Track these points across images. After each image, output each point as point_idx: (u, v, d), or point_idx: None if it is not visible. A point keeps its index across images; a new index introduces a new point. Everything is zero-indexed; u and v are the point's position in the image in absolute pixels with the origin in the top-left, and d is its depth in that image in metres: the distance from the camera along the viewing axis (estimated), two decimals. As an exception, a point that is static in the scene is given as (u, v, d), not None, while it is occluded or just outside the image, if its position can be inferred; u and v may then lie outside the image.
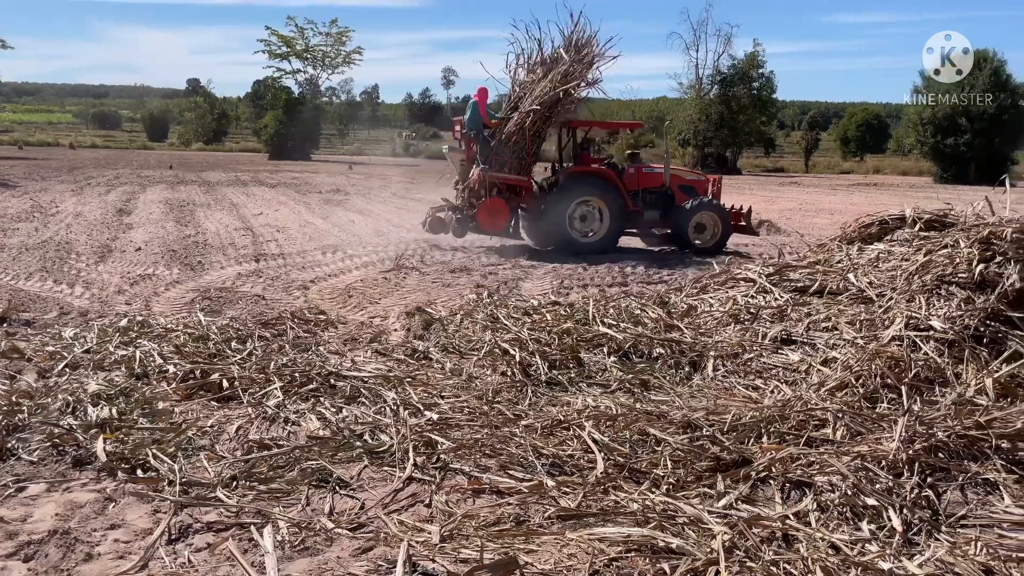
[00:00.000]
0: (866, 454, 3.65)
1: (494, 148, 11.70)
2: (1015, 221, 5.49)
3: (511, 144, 11.67)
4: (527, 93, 11.93)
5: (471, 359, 5.45)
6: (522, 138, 11.63)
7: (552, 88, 11.53)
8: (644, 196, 12.30)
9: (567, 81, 11.64)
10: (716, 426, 4.08)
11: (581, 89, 11.88)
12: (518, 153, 11.74)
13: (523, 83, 12.32)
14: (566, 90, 11.58)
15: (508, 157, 11.71)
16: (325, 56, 55.77)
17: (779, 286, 6.43)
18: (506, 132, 11.76)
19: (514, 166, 11.78)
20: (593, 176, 12.18)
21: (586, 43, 12.11)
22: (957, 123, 44.26)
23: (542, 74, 12.00)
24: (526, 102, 11.73)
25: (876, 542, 3.01)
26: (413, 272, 9.87)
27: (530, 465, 3.76)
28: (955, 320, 4.94)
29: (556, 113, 11.75)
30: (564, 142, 12.79)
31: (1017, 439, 3.77)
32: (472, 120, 11.99)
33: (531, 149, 11.84)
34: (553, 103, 11.56)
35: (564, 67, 11.76)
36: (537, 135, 11.87)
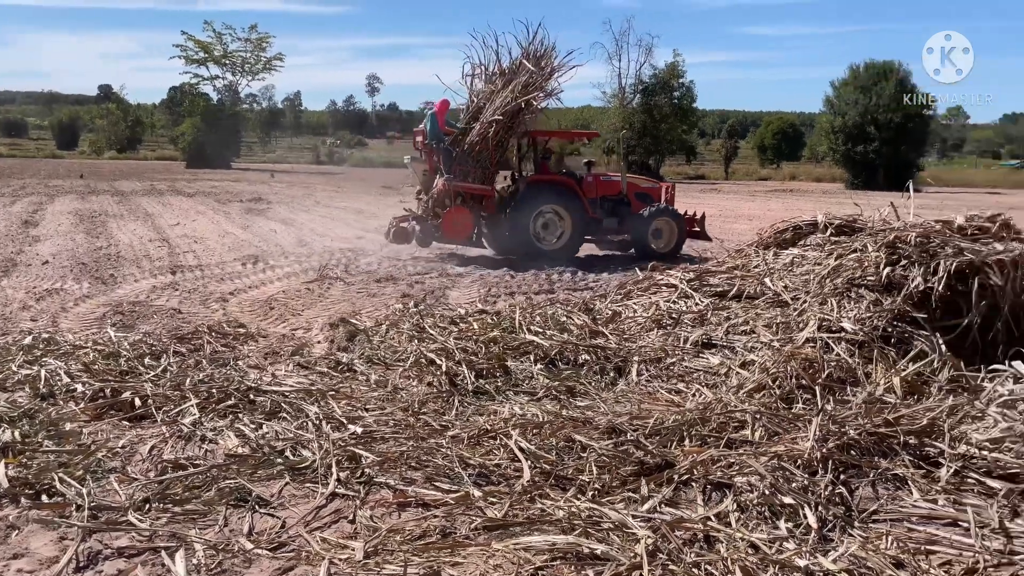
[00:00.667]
0: (783, 454, 3.75)
1: (457, 158, 11.77)
2: (918, 226, 5.75)
3: (474, 154, 11.80)
4: (487, 103, 12.08)
5: (396, 370, 5.38)
6: (485, 148, 11.76)
7: (513, 98, 11.71)
8: (602, 204, 12.54)
9: (528, 92, 11.83)
10: (640, 430, 4.13)
11: (541, 99, 12.10)
12: (481, 163, 11.86)
13: (481, 93, 12.47)
14: (527, 100, 11.76)
15: (471, 167, 11.81)
16: (244, 62, 54.53)
17: (699, 291, 6.57)
18: (468, 142, 11.85)
19: (477, 175, 11.86)
20: (554, 185, 12.37)
21: (545, 54, 12.36)
22: (866, 131, 46.31)
23: (501, 84, 12.17)
24: (487, 112, 11.87)
25: (793, 540, 3.09)
26: (337, 282, 9.72)
27: (456, 476, 3.73)
28: (864, 321, 5.14)
29: (517, 123, 11.92)
30: (524, 151, 12.86)
31: (923, 435, 3.93)
32: (434, 130, 12.01)
33: (494, 158, 11.96)
34: (515, 113, 11.73)
35: (525, 77, 11.96)
36: (500, 145, 11.98)
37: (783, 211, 13.98)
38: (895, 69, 48.04)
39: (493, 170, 12.10)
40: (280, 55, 56.18)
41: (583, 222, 12.16)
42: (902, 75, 47.61)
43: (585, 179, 12.69)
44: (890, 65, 48.39)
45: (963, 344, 5.16)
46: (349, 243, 13.88)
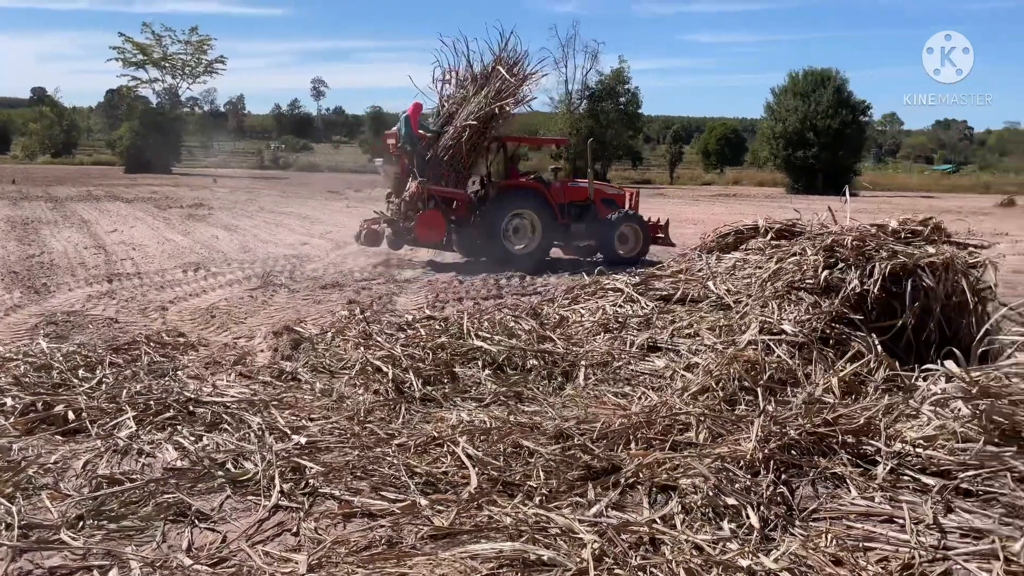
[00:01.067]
0: (726, 455, 3.80)
1: (430, 161, 11.87)
2: (855, 230, 5.91)
3: (447, 158, 11.94)
4: (460, 108, 12.24)
5: (342, 378, 5.31)
6: (458, 152, 11.91)
7: (487, 104, 11.89)
8: (570, 209, 12.73)
9: (501, 98, 12.03)
10: (587, 435, 4.15)
11: (514, 106, 12.33)
12: (454, 166, 12.02)
13: (452, 97, 12.65)
14: (500, 106, 11.97)
15: (444, 170, 11.95)
16: (185, 65, 53.42)
17: (645, 295, 6.64)
18: (442, 145, 12.00)
19: (450, 179, 12.03)
20: (525, 190, 12.54)
21: (517, 62, 12.64)
22: (805, 137, 47.55)
23: (474, 90, 12.34)
24: (460, 116, 12.03)
25: (736, 540, 3.14)
26: (282, 289, 9.56)
27: (403, 485, 3.69)
28: (804, 324, 5.26)
29: (490, 128, 12.10)
30: (493, 156, 12.93)
31: (860, 434, 4.03)
32: (408, 133, 12.01)
33: (467, 162, 12.13)
34: (488, 118, 11.92)
35: (498, 83, 12.17)
36: (473, 149, 12.12)
37: (727, 215, 14.27)
38: (833, 77, 49.49)
39: (466, 174, 12.25)
40: (222, 58, 55.27)
41: (552, 227, 12.39)
42: (839, 83, 49.08)
43: (553, 185, 12.90)
44: (828, 73, 49.84)
45: (898, 344, 5.32)
46: (294, 249, 13.69)
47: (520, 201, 12.30)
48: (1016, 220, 25.30)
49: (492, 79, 12.32)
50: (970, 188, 51.02)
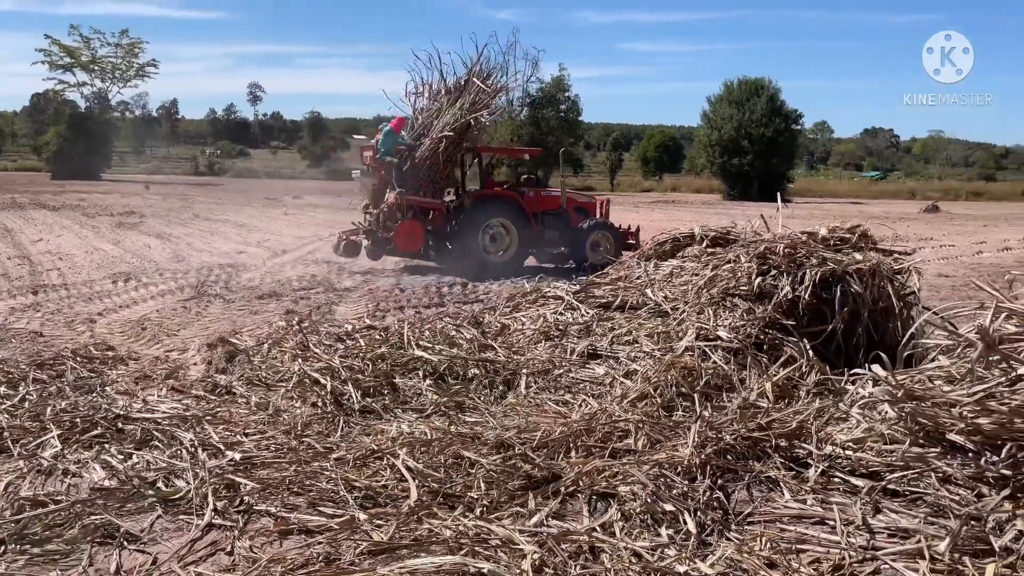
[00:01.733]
0: (664, 461, 3.85)
1: (407, 172, 12.13)
2: (786, 237, 6.07)
3: (425, 168, 12.22)
4: (435, 119, 12.53)
5: (279, 391, 5.21)
6: (436, 162, 12.21)
7: (462, 115, 12.22)
8: (543, 218, 13.02)
9: (476, 109, 12.35)
10: (528, 444, 4.15)
11: (488, 116, 12.68)
12: (431, 177, 12.32)
13: (426, 110, 12.93)
14: (476, 117, 12.28)
15: (422, 181, 12.24)
16: (115, 68, 51.91)
17: (585, 302, 6.69)
18: (419, 156, 12.24)
19: (428, 189, 12.31)
20: (500, 199, 12.90)
21: (490, 74, 12.98)
22: (740, 145, 48.73)
23: (447, 102, 12.64)
24: (436, 128, 12.31)
25: (674, 546, 3.18)
26: (217, 300, 9.34)
27: (341, 500, 3.63)
28: (739, 329, 5.37)
29: (466, 139, 12.44)
30: (468, 166, 13.23)
31: (793, 437, 4.13)
32: (388, 145, 12.26)
33: (444, 173, 12.46)
34: (464, 129, 12.24)
35: (473, 95, 12.47)
36: (450, 160, 12.45)
37: (665, 221, 14.54)
38: (766, 86, 50.86)
39: (443, 184, 12.58)
40: (154, 61, 53.99)
41: (527, 235, 12.75)
42: (772, 92, 50.45)
43: (527, 194, 13.18)
44: (761, 82, 51.22)
45: (828, 348, 5.47)
46: (230, 258, 13.39)
47: (496, 210, 12.63)
48: (940, 225, 26.37)
49: (466, 91, 12.61)
50: (896, 194, 53.07)
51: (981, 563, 2.94)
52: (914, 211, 34.50)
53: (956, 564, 2.96)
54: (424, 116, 12.85)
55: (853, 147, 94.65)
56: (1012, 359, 3.72)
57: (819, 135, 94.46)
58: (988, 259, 16.22)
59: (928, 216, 31.99)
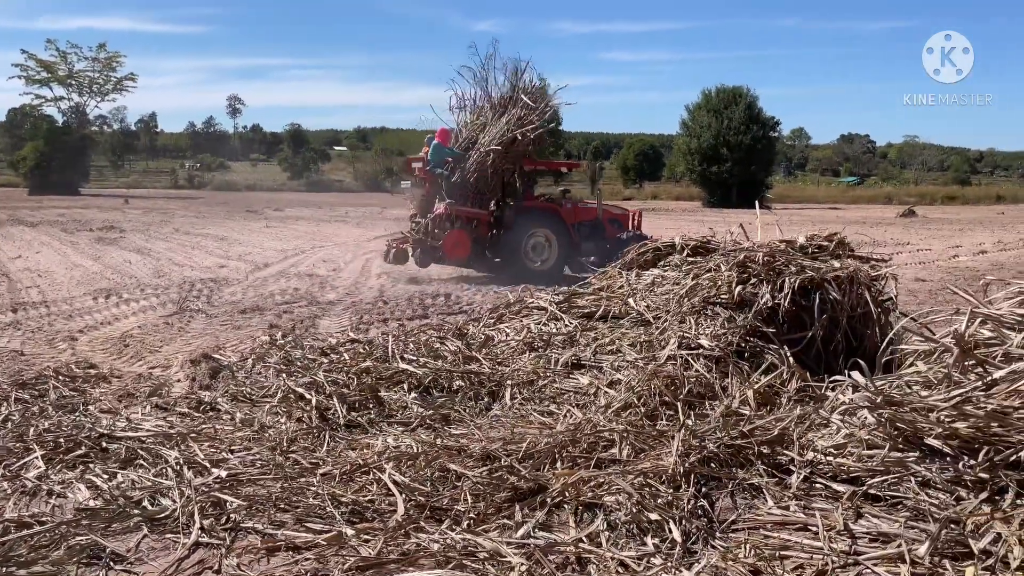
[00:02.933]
0: (649, 470, 3.89)
1: (455, 183, 12.73)
2: (765, 246, 6.14)
3: (473, 180, 12.86)
4: (481, 133, 13.21)
5: (264, 407, 5.19)
6: (484, 174, 12.85)
7: (508, 130, 12.80)
8: (580, 228, 13.41)
9: (522, 124, 12.88)
10: (513, 455, 4.18)
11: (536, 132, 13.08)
12: (479, 188, 12.99)
13: (469, 124, 13.63)
14: (523, 132, 12.79)
15: (471, 192, 12.89)
16: (92, 82, 51.60)
17: (568, 313, 6.73)
18: (467, 168, 12.86)
19: (475, 200, 12.97)
20: (542, 211, 13.52)
21: (538, 90, 13.58)
22: (719, 153, 49.14)
23: (493, 116, 13.32)
24: (483, 141, 12.94)
25: (660, 555, 3.21)
26: (199, 315, 9.29)
27: (328, 515, 3.64)
28: (720, 338, 5.43)
29: (512, 152, 12.97)
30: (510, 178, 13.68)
31: (775, 444, 4.18)
32: (438, 157, 12.91)
33: (492, 184, 13.12)
34: (511, 143, 12.80)
35: (520, 111, 13.02)
36: (496, 172, 13.03)
37: (646, 229, 14.75)
38: (744, 94, 51.37)
39: (490, 195, 13.23)
40: (132, 75, 53.75)
41: (567, 245, 13.21)
42: (750, 100, 50.95)
43: (564, 205, 13.74)
44: (739, 90, 51.74)
45: (808, 355, 5.54)
46: (211, 272, 13.34)
47: (538, 221, 13.25)
48: (917, 230, 26.73)
49: (512, 106, 13.20)
50: (873, 199, 53.70)
51: (961, 566, 3.00)
52: (891, 216, 34.93)
53: (936, 567, 3.01)
54: (468, 129, 13.47)
55: (830, 153, 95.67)
56: (987, 364, 3.80)
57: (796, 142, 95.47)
58: (964, 263, 16.47)
59: (905, 220, 32.41)
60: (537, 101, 13.32)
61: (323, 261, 15.38)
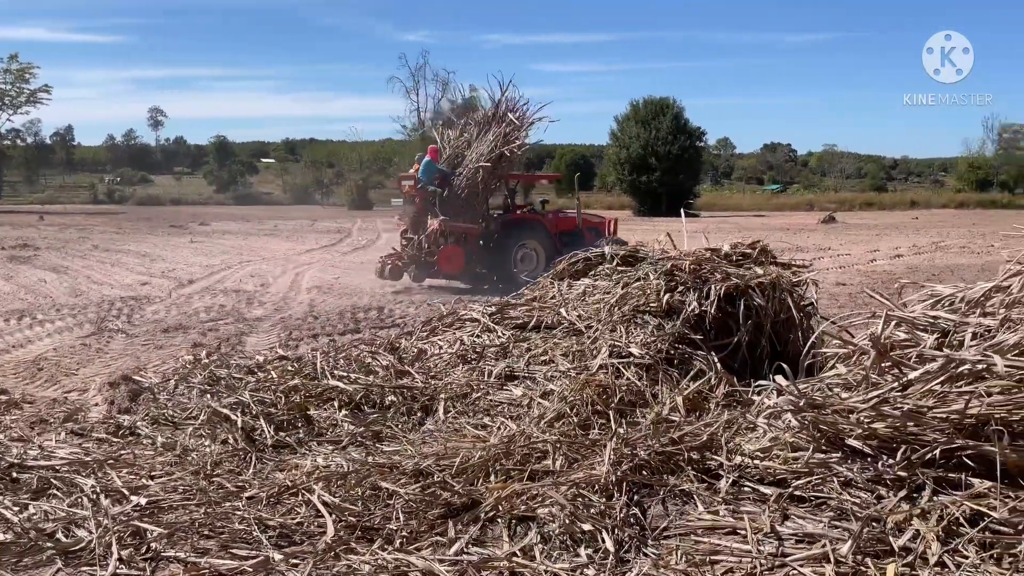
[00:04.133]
0: (581, 480, 3.90)
1: (448, 199, 13.25)
2: (691, 254, 6.26)
3: (465, 196, 13.37)
4: (466, 149, 13.82)
5: (187, 430, 5.02)
6: (474, 190, 13.42)
7: (496, 147, 13.36)
8: (562, 237, 13.91)
9: (508, 141, 13.51)
10: (447, 470, 4.14)
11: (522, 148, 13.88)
12: (469, 203, 13.47)
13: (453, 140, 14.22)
14: (511, 148, 13.47)
15: (462, 207, 13.37)
16: (4, 95, 49.47)
17: (501, 324, 6.72)
18: (457, 185, 13.40)
19: (466, 215, 13.45)
20: (528, 222, 14.22)
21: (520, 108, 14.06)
22: (648, 162, 50.04)
23: (477, 133, 13.93)
24: (472, 158, 13.53)
25: (593, 566, 3.22)
26: (119, 335, 8.95)
27: (255, 540, 3.53)
28: (650, 346, 5.50)
29: (500, 168, 13.60)
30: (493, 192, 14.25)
31: (704, 449, 4.25)
32: (430, 174, 13.37)
33: (482, 199, 13.70)
34: (498, 159, 13.40)
35: (505, 128, 13.61)
36: (486, 187, 13.67)
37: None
38: (671, 105, 52.47)
39: (479, 210, 13.71)
40: (47, 87, 51.77)
41: (551, 254, 13.26)
42: (676, 110, 52.08)
43: (547, 216, 14.52)
44: (666, 101, 52.82)
45: (735, 360, 5.66)
46: (132, 290, 12.88)
47: (525, 233, 13.89)
48: (837, 235, 27.69)
49: (496, 123, 13.77)
50: (796, 206, 55.41)
51: (882, 563, 3.09)
52: (813, 222, 36.11)
53: (859, 566, 3.10)
54: (451, 146, 14.06)
55: (754, 162, 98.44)
56: (903, 365, 3.94)
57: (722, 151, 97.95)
58: (882, 266, 17.14)
59: (826, 226, 33.55)
60: (522, 118, 13.87)
61: (251, 276, 15.03)
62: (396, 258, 13.83)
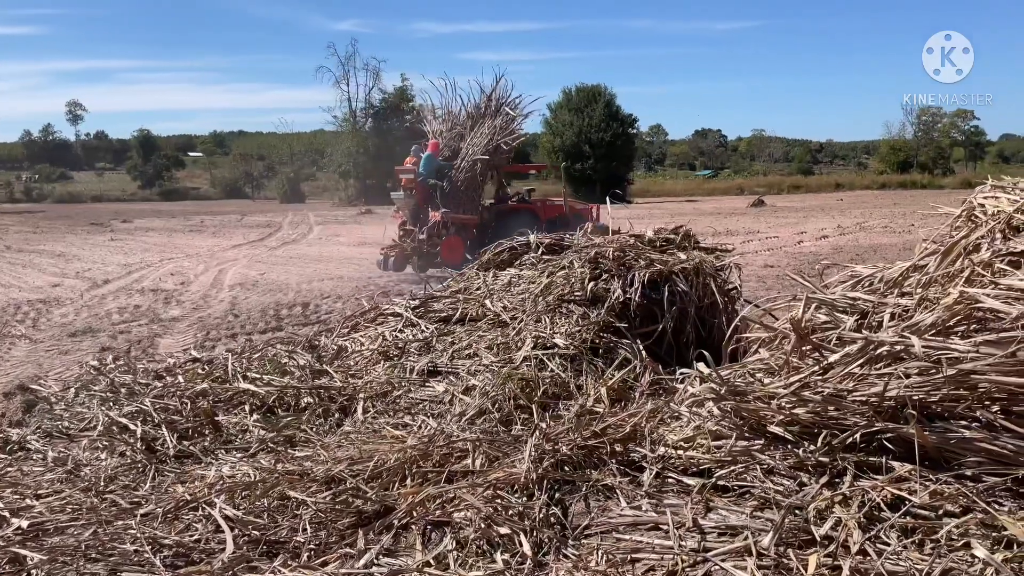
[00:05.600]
0: (501, 480, 3.73)
1: (448, 192, 13.65)
2: (615, 241, 6.15)
3: (464, 188, 13.80)
4: (459, 142, 14.29)
5: (82, 442, 4.68)
6: (473, 182, 13.91)
7: (492, 139, 13.85)
8: (551, 224, 13.78)
9: (504, 134, 14.01)
10: (360, 476, 3.92)
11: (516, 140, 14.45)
12: (469, 195, 13.93)
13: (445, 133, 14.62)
14: (506, 141, 13.98)
15: (462, 198, 13.79)
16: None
17: (425, 318, 6.51)
18: (457, 177, 13.80)
19: (466, 206, 13.85)
20: (523, 211, 14.37)
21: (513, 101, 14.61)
22: (582, 150, 50.26)
23: (471, 126, 14.37)
24: (468, 150, 13.97)
25: (509, 571, 3.06)
26: (21, 341, 8.43)
27: (147, 562, 3.26)
28: (574, 336, 5.36)
29: (496, 159, 14.07)
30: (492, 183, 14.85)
31: (628, 441, 4.12)
32: (431, 168, 13.77)
33: (480, 191, 14.26)
34: (494, 151, 13.88)
35: (501, 120, 14.15)
36: (484, 179, 14.23)
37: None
38: (602, 92, 52.77)
39: (478, 201, 14.21)
40: (-48, 80, 48.88)
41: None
42: (608, 98, 52.42)
43: (536, 204, 14.87)
44: (598, 89, 53.09)
45: (661, 348, 5.58)
46: (42, 292, 12.20)
47: (519, 221, 13.59)
48: (766, 218, 28.22)
49: (494, 116, 14.26)
50: (727, 190, 56.44)
51: (804, 554, 2.99)
52: (743, 206, 36.77)
53: (781, 557, 3.00)
54: (443, 139, 14.46)
55: (686, 148, 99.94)
56: (823, 348, 3.88)
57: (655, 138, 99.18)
58: (808, 248, 17.47)
59: (755, 210, 34.18)
60: (515, 111, 14.40)
61: (171, 274, 14.42)
62: (399, 250, 14.01)
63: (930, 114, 69.02)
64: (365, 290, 11.62)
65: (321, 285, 12.70)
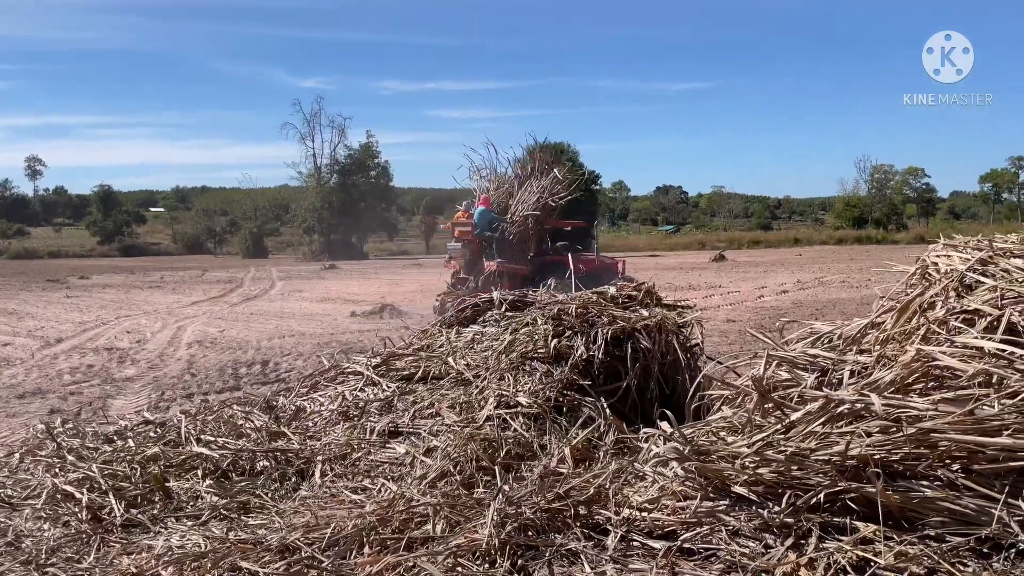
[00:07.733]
0: (462, 546, 3.62)
1: (502, 244, 14.89)
2: (578, 298, 6.16)
3: (516, 240, 15.09)
4: (508, 199, 15.68)
5: (24, 511, 4.46)
6: (525, 235, 15.24)
7: (542, 198, 15.25)
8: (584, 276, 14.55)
9: (552, 193, 15.41)
10: (315, 544, 3.78)
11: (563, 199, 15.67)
12: (520, 247, 15.26)
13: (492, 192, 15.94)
14: (554, 199, 15.40)
15: (514, 250, 15.08)
16: None
17: (386, 376, 6.40)
18: (509, 231, 15.03)
19: (517, 257, 15.11)
20: (560, 264, 15.36)
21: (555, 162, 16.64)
22: (546, 205, 50.78)
23: (518, 185, 15.79)
24: (519, 206, 15.33)
25: (470, 646, 2.93)
26: (-34, 404, 8.11)
27: (87, 641, 3.08)
28: (538, 394, 5.30)
29: (543, 216, 15.39)
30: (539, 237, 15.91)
31: (592, 503, 4.04)
32: (486, 222, 15.06)
33: (531, 243, 15.54)
34: (543, 208, 15.26)
35: (548, 182, 15.50)
36: (534, 233, 15.47)
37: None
38: (566, 149, 53.68)
39: (527, 253, 15.48)
40: (-92, 135, 48.12)
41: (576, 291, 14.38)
42: (572, 155, 53.33)
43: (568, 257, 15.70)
44: (561, 146, 53.95)
45: (625, 405, 5.54)
46: (-6, 353, 11.82)
47: (557, 272, 14.86)
48: (727, 273, 28.64)
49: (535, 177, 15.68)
50: (688, 245, 57.41)
51: (770, 620, 2.93)
52: (704, 261, 37.31)
53: (748, 624, 2.94)
54: (495, 196, 15.83)
55: (648, 204, 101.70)
56: (784, 406, 3.88)
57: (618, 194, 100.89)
58: (769, 302, 17.71)
59: (716, 265, 34.72)
60: (562, 173, 15.96)
61: (127, 332, 14.09)
62: (455, 297, 14.33)
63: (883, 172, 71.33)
64: (327, 347, 11.46)
65: (282, 342, 12.51)
